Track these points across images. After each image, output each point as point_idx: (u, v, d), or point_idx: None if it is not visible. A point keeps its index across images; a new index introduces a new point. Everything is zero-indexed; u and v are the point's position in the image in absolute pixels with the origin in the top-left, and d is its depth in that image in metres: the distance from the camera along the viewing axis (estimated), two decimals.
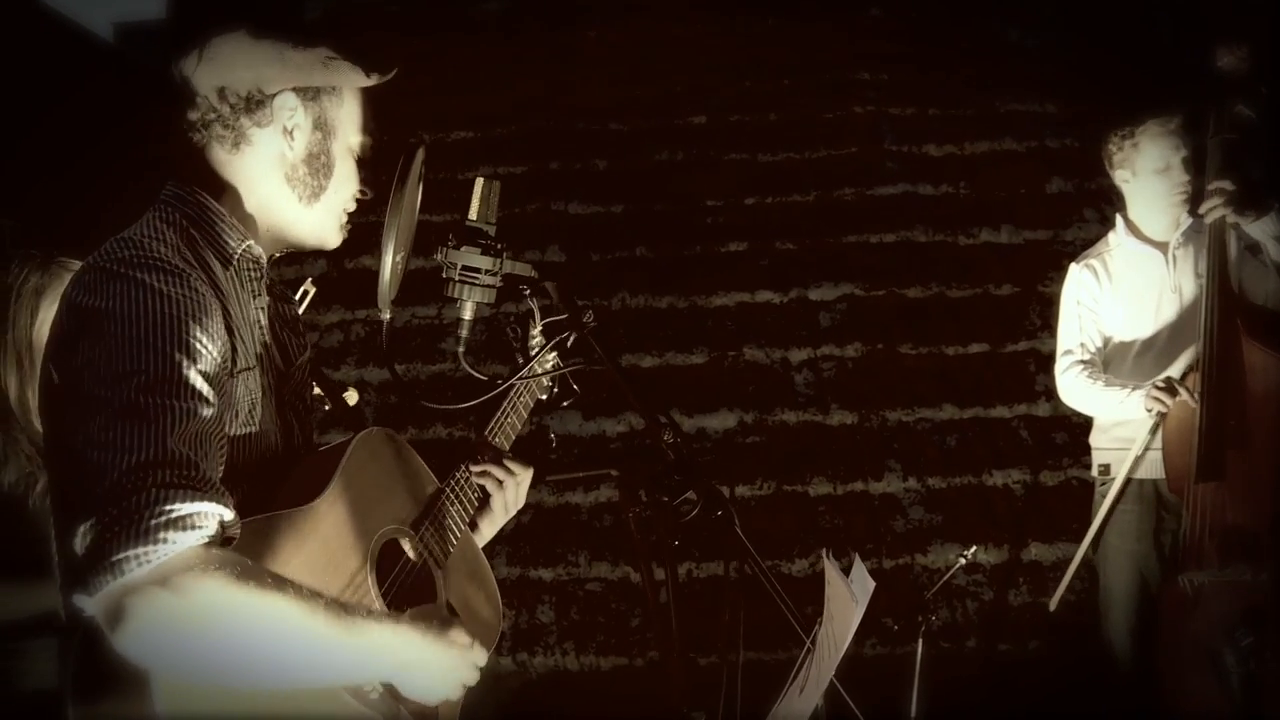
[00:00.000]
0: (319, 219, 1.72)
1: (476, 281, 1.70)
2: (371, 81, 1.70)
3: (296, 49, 1.63)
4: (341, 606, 1.42)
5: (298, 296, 3.17)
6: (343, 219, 1.75)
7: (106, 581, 1.23)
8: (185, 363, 1.39)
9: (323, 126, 1.67)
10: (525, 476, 2.08)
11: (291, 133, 1.64)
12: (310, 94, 1.64)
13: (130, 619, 1.23)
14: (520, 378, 1.85)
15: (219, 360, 1.47)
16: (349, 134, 1.71)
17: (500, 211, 1.78)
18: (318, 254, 1.82)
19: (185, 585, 1.25)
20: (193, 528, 1.28)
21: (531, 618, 4.62)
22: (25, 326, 2.38)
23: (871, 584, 1.50)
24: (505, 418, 2.15)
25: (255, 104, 1.61)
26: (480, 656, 1.61)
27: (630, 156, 5.95)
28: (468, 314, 1.72)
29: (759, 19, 6.46)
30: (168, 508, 1.27)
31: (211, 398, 1.41)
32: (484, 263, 1.70)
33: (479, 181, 1.74)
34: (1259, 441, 3.22)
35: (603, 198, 5.79)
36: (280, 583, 1.35)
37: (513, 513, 2.10)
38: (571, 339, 1.82)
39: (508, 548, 4.67)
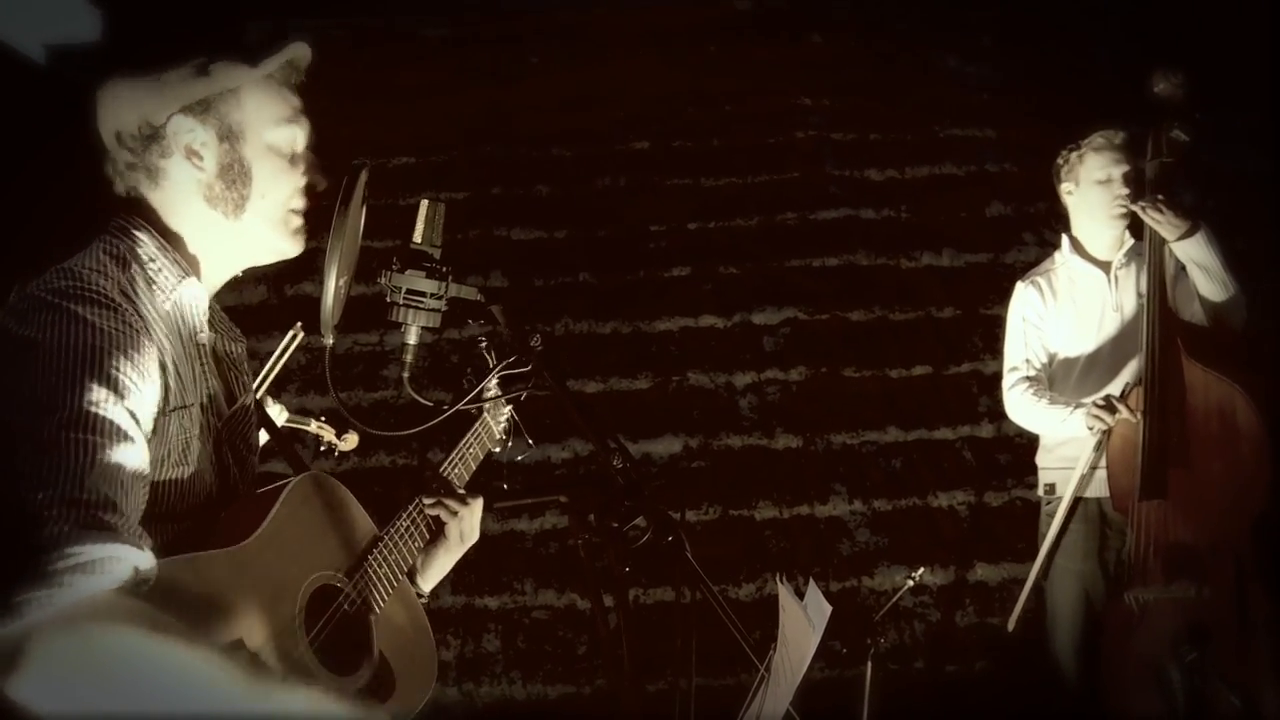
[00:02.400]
0: (255, 230, 1.66)
1: (421, 306, 1.67)
2: (261, 71, 1.63)
3: (170, 71, 1.59)
4: (256, 671, 1.32)
5: (285, 340, 3.16)
6: (290, 222, 1.68)
7: (5, 623, 1.16)
8: (111, 399, 1.34)
9: (229, 135, 1.61)
10: (477, 506, 2.10)
11: (198, 152, 1.60)
12: (200, 108, 1.59)
13: (25, 664, 1.15)
14: (465, 404, 1.81)
15: (149, 398, 1.43)
16: (262, 132, 1.63)
17: (444, 236, 1.75)
18: (257, 280, 1.79)
19: (87, 634, 1.18)
20: (101, 572, 1.21)
21: (477, 647, 4.56)
22: None
23: (828, 608, 1.48)
24: (459, 458, 2.15)
25: (150, 138, 1.58)
26: None
27: (573, 182, 5.93)
28: (412, 338, 1.69)
29: (701, 46, 6.49)
30: (76, 549, 1.20)
31: (136, 436, 1.37)
32: (429, 286, 1.66)
33: (424, 204, 1.71)
34: (1200, 459, 3.26)
35: (546, 223, 5.76)
36: (192, 639, 1.26)
37: (468, 544, 2.12)
38: (518, 363, 1.79)
39: (452, 576, 4.56)
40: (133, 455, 1.35)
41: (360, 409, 5.03)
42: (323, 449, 3.38)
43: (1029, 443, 3.84)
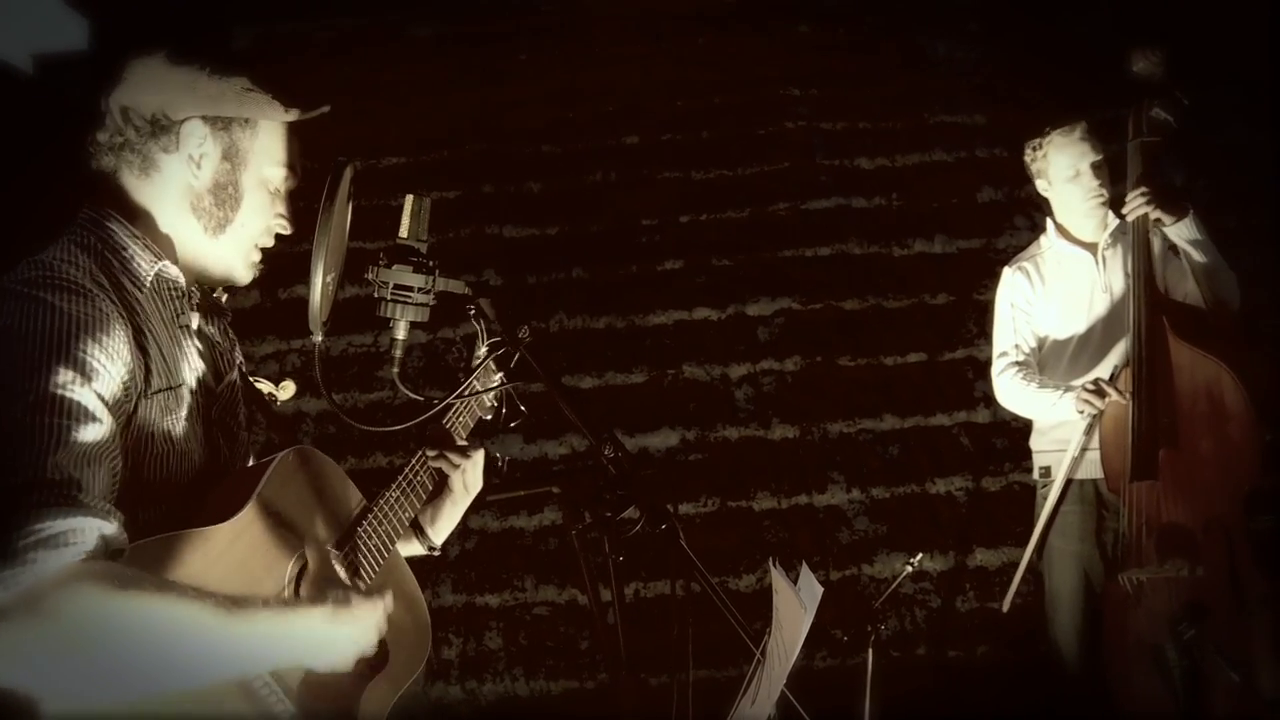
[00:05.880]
0: (224, 252, 1.69)
1: (409, 300, 1.68)
2: (290, 117, 1.67)
3: (212, 77, 1.61)
4: (232, 601, 1.39)
5: (278, 389, 3.19)
6: (253, 255, 1.72)
7: None
8: (78, 381, 1.37)
9: (232, 157, 1.64)
10: (478, 456, 2.13)
11: (198, 161, 1.62)
12: (220, 123, 1.62)
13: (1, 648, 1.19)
14: (457, 396, 1.82)
15: (119, 379, 1.45)
16: (263, 166, 1.68)
17: (434, 235, 1.75)
18: (250, 285, 1.79)
19: (55, 606, 1.21)
20: (65, 545, 1.24)
21: (479, 645, 4.56)
22: None
23: (819, 590, 1.49)
24: (457, 418, 2.17)
25: (160, 128, 1.60)
26: (380, 610, 1.59)
27: (564, 178, 5.93)
28: (401, 333, 1.70)
29: (689, 38, 6.48)
30: (38, 526, 1.23)
31: (104, 416, 1.39)
32: (416, 280, 1.67)
33: (409, 198, 1.72)
34: (1189, 439, 3.26)
35: (538, 220, 5.76)
36: (163, 585, 1.33)
37: (473, 494, 2.15)
38: (507, 354, 1.80)
39: (453, 575, 4.61)
40: (99, 434, 1.37)
41: (356, 410, 5.03)
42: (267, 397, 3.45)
43: (1025, 427, 3.84)
